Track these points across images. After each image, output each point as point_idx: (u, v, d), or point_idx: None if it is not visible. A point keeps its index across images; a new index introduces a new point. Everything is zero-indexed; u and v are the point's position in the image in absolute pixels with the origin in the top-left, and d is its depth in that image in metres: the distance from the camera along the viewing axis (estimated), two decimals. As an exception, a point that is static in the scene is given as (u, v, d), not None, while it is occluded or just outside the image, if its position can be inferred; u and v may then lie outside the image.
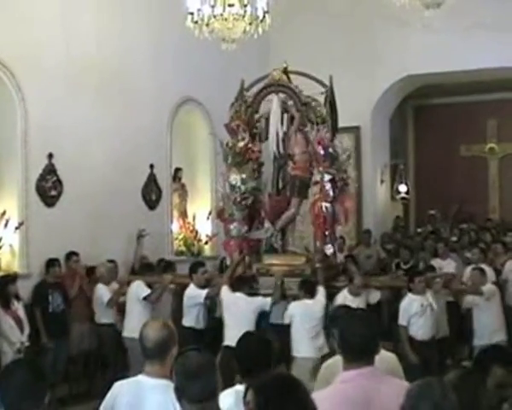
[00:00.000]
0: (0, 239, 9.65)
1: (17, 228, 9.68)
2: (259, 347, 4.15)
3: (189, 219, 13.31)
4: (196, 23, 8.81)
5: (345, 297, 8.92)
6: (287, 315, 8.83)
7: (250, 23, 8.83)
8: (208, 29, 8.84)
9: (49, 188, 10.23)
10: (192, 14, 8.83)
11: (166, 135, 12.50)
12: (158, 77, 12.16)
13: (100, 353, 10.37)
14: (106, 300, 9.99)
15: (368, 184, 14.68)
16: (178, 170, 12.98)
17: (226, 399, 3.77)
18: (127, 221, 11.28)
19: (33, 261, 9.84)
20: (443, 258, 12.04)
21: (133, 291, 9.77)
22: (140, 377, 4.15)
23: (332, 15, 14.52)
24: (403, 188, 17.83)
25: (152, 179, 12.19)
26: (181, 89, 12.60)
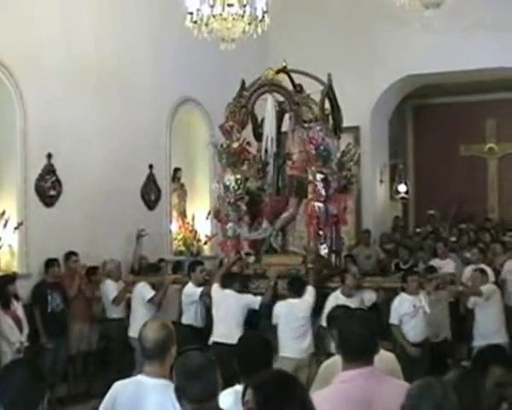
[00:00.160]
0: (-1, 239, 9.66)
1: (16, 228, 9.67)
2: (260, 347, 4.15)
3: (189, 219, 13.31)
4: (195, 23, 8.80)
5: (337, 298, 8.76)
6: (273, 316, 8.80)
7: (249, 23, 8.82)
8: (207, 29, 8.83)
9: (49, 188, 10.22)
10: (191, 13, 8.82)
11: (166, 135, 12.50)
12: (157, 77, 12.16)
13: (106, 348, 10.44)
14: (111, 297, 10.13)
15: (367, 184, 14.67)
16: (177, 170, 12.97)
17: (226, 399, 3.76)
18: (126, 221, 11.28)
19: (32, 261, 9.84)
20: (442, 258, 12.05)
21: (138, 292, 9.95)
22: (139, 377, 4.15)
23: (331, 15, 14.53)
24: (402, 188, 17.83)
25: (151, 179, 12.19)
26: (180, 89, 12.60)
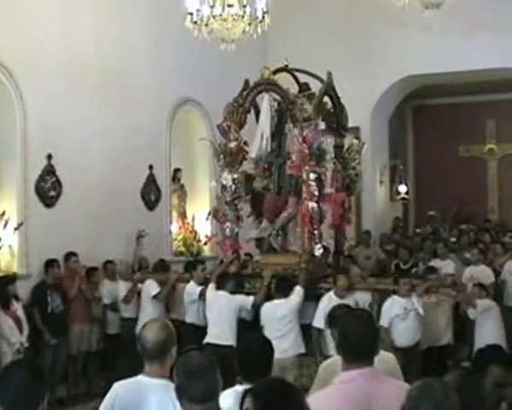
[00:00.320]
0: (-1, 240, 9.66)
1: (16, 229, 9.67)
2: (261, 348, 4.14)
3: (189, 219, 13.30)
4: (195, 23, 8.80)
5: (330, 299, 8.68)
6: (260, 316, 8.79)
7: (249, 23, 8.82)
8: (207, 29, 8.83)
9: (49, 188, 10.22)
10: (191, 14, 8.82)
11: (166, 135, 12.50)
12: (157, 77, 12.15)
13: (115, 346, 10.41)
14: (121, 296, 10.29)
15: (367, 185, 14.64)
16: (177, 170, 12.96)
17: (226, 399, 3.76)
18: (126, 222, 11.27)
19: (32, 262, 9.84)
20: (442, 258, 12.04)
21: (145, 290, 10.07)
22: (140, 377, 4.15)
23: (331, 16, 14.53)
24: (402, 188, 17.81)
25: (151, 180, 12.18)
26: (180, 89, 12.60)
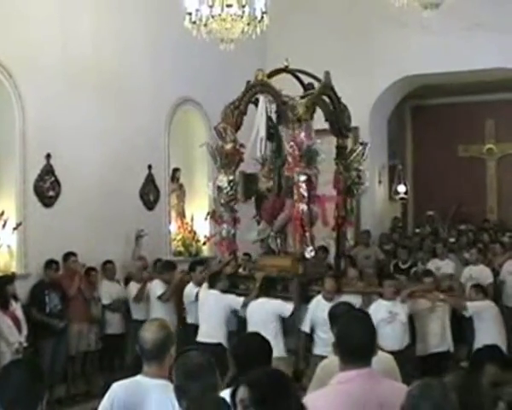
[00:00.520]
0: (-2, 240, 9.65)
1: (15, 229, 9.65)
2: (259, 348, 4.14)
3: (187, 219, 13.30)
4: (194, 23, 8.78)
5: (318, 302, 8.67)
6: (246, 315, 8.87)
7: (248, 23, 8.81)
8: (206, 29, 8.81)
9: (47, 188, 10.22)
10: (190, 14, 8.81)
11: (164, 135, 12.49)
12: (156, 77, 12.15)
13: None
14: (132, 297, 10.42)
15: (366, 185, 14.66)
16: (176, 170, 12.96)
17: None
18: (125, 222, 11.27)
19: (31, 262, 9.83)
20: (441, 258, 12.07)
21: (152, 290, 10.16)
22: (139, 377, 4.15)
23: (330, 16, 14.53)
24: (401, 188, 17.81)
25: (150, 180, 12.17)
26: (179, 89, 12.59)
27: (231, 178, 9.81)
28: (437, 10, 9.27)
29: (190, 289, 9.75)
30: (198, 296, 9.52)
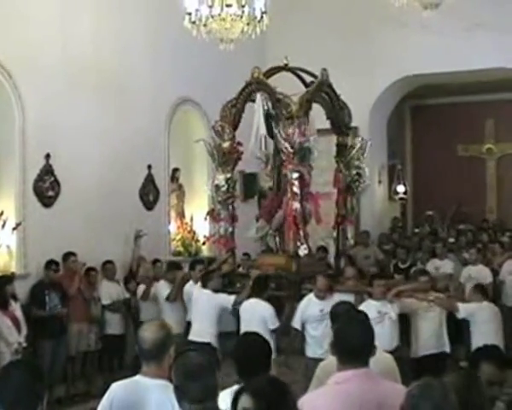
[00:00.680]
0: (-3, 240, 9.65)
1: (14, 229, 9.66)
2: (259, 348, 4.12)
3: (187, 219, 13.30)
4: (194, 23, 8.79)
5: (309, 300, 8.54)
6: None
7: (248, 23, 8.81)
8: (206, 29, 8.82)
9: (47, 188, 10.22)
10: (190, 14, 8.81)
11: (164, 135, 12.49)
12: (155, 77, 12.15)
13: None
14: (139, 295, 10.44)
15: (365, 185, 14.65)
16: (176, 170, 12.97)
17: (224, 399, 3.76)
18: (124, 222, 11.27)
19: (31, 262, 9.83)
20: (441, 258, 12.07)
21: (158, 291, 10.17)
22: (138, 377, 4.15)
23: (330, 16, 14.53)
24: (400, 188, 17.80)
25: (149, 180, 12.18)
26: (178, 89, 12.59)
27: (229, 176, 9.84)
28: (437, 10, 9.28)
29: (189, 287, 9.75)
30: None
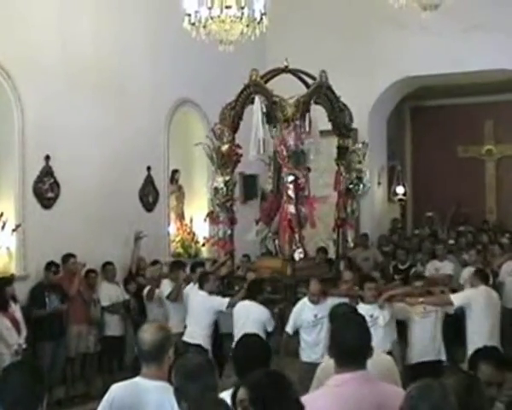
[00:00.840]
0: (-3, 241, 9.65)
1: (14, 230, 9.66)
2: (258, 350, 4.12)
3: (187, 221, 13.30)
4: (193, 25, 8.79)
5: (303, 304, 8.46)
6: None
7: (247, 25, 8.81)
8: (205, 31, 8.82)
9: (46, 190, 10.22)
10: (189, 15, 8.82)
11: (164, 137, 12.49)
12: (155, 78, 12.15)
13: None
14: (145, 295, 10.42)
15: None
16: (175, 172, 12.96)
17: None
18: (124, 223, 11.27)
19: (30, 263, 9.83)
20: (440, 260, 12.06)
21: (161, 291, 10.14)
22: (137, 379, 4.15)
23: (329, 17, 14.53)
24: (400, 190, 17.81)
25: (149, 181, 12.17)
26: (178, 90, 12.59)
27: (227, 178, 9.83)
28: (436, 11, 9.28)
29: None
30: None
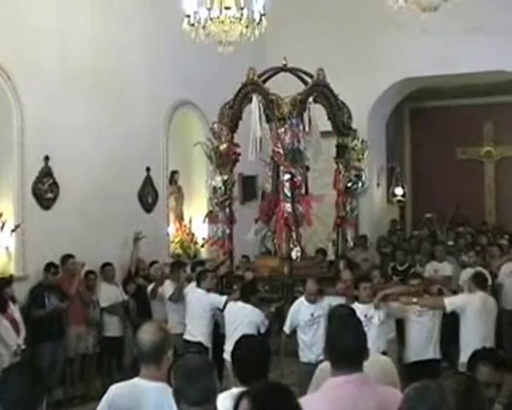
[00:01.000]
0: (-4, 242, 9.65)
1: (13, 231, 9.66)
2: (259, 351, 4.11)
3: (186, 221, 13.30)
4: (193, 26, 8.80)
5: (300, 304, 8.45)
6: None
7: (246, 26, 8.83)
8: (205, 32, 8.84)
9: (46, 191, 10.22)
10: (188, 16, 8.83)
11: (163, 137, 12.49)
12: (154, 79, 12.15)
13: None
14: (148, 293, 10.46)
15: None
16: (175, 173, 12.96)
17: (223, 402, 3.75)
18: (123, 224, 11.27)
19: (29, 264, 9.83)
20: (439, 261, 12.06)
21: (163, 291, 10.14)
22: (136, 380, 4.15)
23: (329, 19, 14.54)
24: (399, 191, 17.80)
25: (148, 182, 12.17)
26: (177, 91, 12.59)
27: (226, 178, 9.82)
28: (435, 13, 9.27)
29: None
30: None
